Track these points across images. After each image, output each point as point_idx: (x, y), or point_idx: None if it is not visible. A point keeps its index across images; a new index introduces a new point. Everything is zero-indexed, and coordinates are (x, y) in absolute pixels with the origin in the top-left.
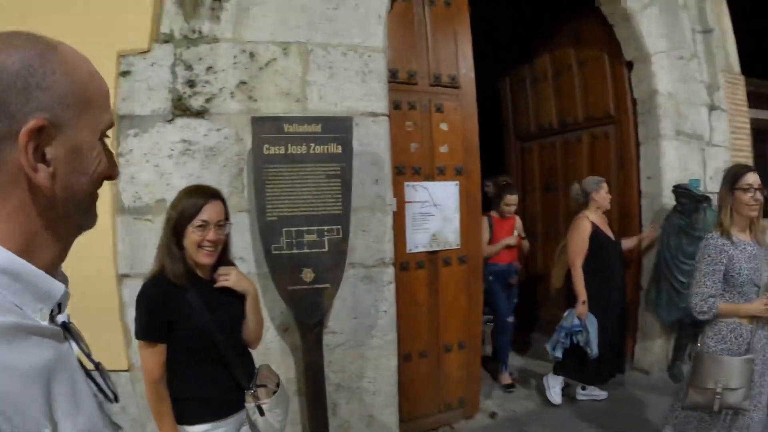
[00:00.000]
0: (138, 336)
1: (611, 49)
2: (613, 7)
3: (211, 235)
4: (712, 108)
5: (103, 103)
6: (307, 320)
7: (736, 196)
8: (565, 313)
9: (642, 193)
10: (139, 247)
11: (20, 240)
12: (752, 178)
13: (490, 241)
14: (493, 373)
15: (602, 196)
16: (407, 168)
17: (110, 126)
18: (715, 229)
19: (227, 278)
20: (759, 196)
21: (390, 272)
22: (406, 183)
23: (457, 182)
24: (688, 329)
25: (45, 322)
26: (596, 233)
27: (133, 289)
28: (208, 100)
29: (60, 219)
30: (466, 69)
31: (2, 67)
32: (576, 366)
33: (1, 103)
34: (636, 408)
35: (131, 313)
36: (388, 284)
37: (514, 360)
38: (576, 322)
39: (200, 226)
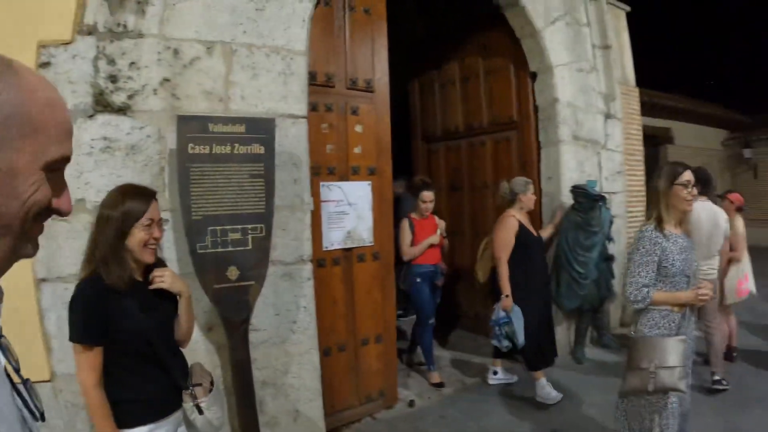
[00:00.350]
0: (74, 339)
1: (517, 59)
2: (521, 21)
3: (157, 233)
4: (608, 116)
5: (56, 135)
6: (234, 318)
7: (675, 191)
8: (494, 307)
9: (542, 192)
10: (56, 250)
11: None
12: (689, 175)
13: (413, 243)
14: (407, 364)
15: (528, 197)
16: (323, 168)
17: (62, 160)
18: (649, 222)
19: (163, 280)
20: (695, 191)
21: (309, 269)
22: (321, 183)
23: (370, 182)
24: (587, 316)
25: None
26: (522, 230)
27: (51, 293)
28: (130, 97)
29: None
30: (381, 74)
31: None
32: (519, 353)
33: None
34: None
35: (51, 320)
36: (307, 281)
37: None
38: (502, 314)
39: (148, 225)
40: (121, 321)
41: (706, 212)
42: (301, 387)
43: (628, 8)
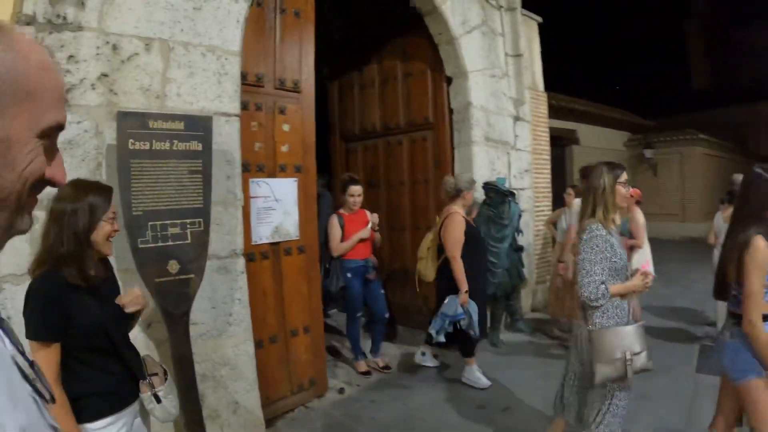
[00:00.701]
0: (31, 337)
1: (434, 64)
2: (439, 28)
3: (116, 225)
4: (517, 119)
5: (51, 100)
6: (175, 311)
7: (617, 190)
8: (446, 301)
9: None
10: None
11: None
12: (626, 175)
13: (343, 238)
14: (331, 353)
15: (471, 195)
16: (252, 165)
17: (57, 126)
18: (593, 220)
19: (137, 302)
20: (630, 190)
21: (242, 262)
22: (250, 179)
23: (296, 179)
24: (501, 302)
25: None
26: (468, 227)
27: None
28: (68, 91)
29: None
30: (307, 75)
31: None
32: (454, 342)
33: None
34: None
35: None
36: (241, 274)
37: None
38: (460, 310)
39: (112, 217)
40: (80, 316)
41: None
42: (239, 378)
43: (540, 19)
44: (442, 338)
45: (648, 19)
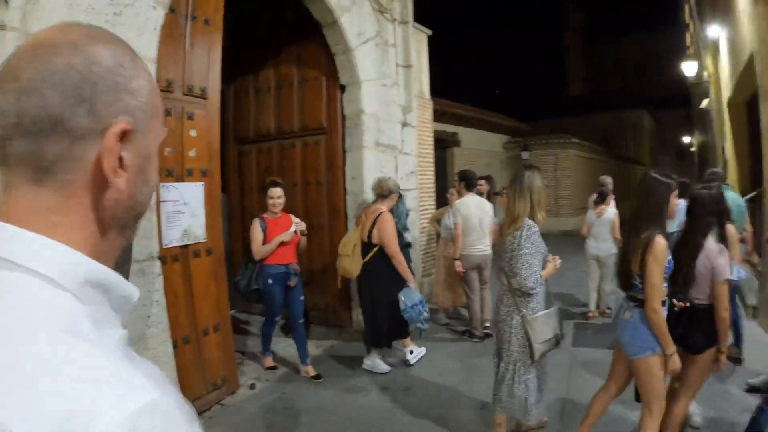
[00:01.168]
0: None
1: (329, 72)
2: (336, 38)
3: None
4: (405, 125)
5: (163, 116)
6: None
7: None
8: (402, 298)
9: (347, 190)
10: None
11: (88, 250)
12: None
13: (265, 242)
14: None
15: (396, 196)
16: (162, 170)
17: (164, 139)
18: (525, 217)
19: None
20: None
21: (158, 265)
22: (161, 184)
23: (203, 183)
24: None
25: (124, 331)
26: (395, 224)
27: None
28: None
29: (118, 230)
30: (214, 82)
31: (96, 60)
32: (381, 334)
33: (90, 96)
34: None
35: None
36: (157, 276)
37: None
38: (420, 294)
39: None
40: None
41: (474, 204)
42: None
43: (429, 32)
44: (427, 325)
45: (529, 30)
